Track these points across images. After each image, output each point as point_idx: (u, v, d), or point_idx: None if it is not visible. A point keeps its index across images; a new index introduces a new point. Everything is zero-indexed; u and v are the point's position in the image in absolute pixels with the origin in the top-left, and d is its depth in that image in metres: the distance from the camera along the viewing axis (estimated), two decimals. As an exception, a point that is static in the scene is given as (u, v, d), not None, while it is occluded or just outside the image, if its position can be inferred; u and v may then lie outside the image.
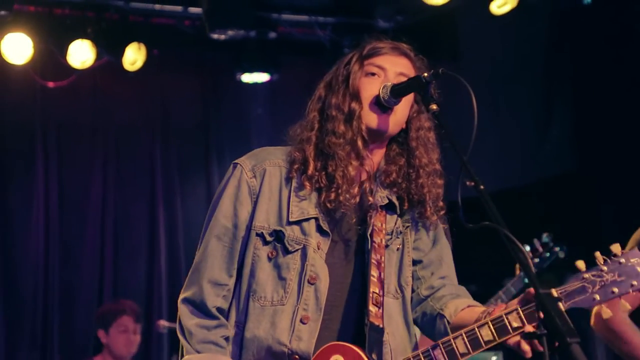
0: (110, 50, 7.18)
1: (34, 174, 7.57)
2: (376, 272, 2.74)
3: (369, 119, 2.75)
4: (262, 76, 7.83)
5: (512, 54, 7.62)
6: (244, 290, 2.75)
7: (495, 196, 2.41)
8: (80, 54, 7.06)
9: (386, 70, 2.78)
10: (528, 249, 5.73)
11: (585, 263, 2.48)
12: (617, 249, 2.46)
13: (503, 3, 6.95)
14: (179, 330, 2.74)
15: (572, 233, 6.23)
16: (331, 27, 7.74)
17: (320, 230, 2.75)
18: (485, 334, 2.52)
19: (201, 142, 8.24)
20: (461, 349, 2.56)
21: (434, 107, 2.63)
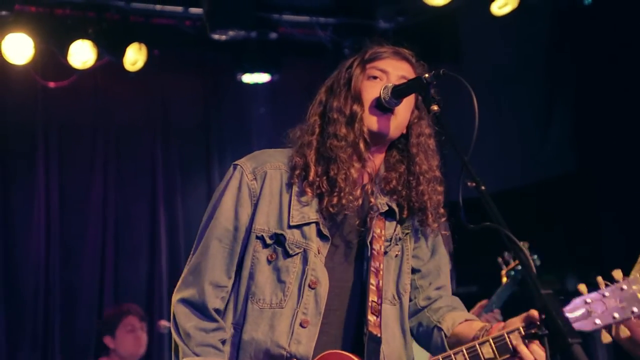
0: (111, 51, 7.17)
1: (34, 174, 7.56)
2: (375, 280, 2.75)
3: (371, 121, 2.75)
4: (262, 77, 7.82)
5: (513, 55, 7.61)
6: (242, 292, 2.75)
7: (495, 196, 2.42)
8: (81, 54, 7.05)
9: (388, 73, 2.79)
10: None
11: (587, 286, 2.51)
12: (618, 275, 2.50)
13: (504, 4, 6.94)
14: (174, 330, 2.73)
15: (573, 233, 6.24)
16: (332, 28, 7.73)
17: (320, 234, 2.75)
18: (487, 352, 2.54)
19: (202, 143, 8.24)
20: None
21: (435, 108, 2.63)
